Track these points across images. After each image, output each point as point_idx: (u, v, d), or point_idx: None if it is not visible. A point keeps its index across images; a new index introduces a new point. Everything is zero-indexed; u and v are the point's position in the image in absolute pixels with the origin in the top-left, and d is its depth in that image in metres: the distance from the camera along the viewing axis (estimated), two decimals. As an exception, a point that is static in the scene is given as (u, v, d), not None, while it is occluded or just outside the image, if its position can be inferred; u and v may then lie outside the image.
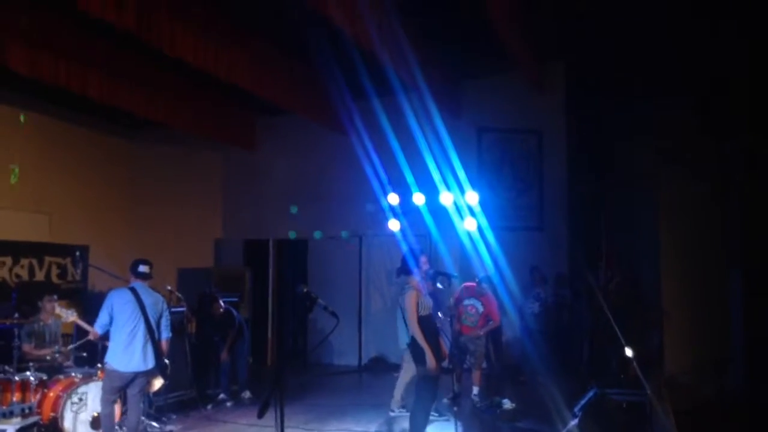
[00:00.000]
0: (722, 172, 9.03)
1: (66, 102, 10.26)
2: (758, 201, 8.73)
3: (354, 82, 9.66)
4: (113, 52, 9.06)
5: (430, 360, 5.57)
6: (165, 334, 6.21)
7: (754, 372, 8.44)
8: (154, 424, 6.99)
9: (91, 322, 6.08)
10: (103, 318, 5.88)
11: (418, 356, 5.73)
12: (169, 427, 7.09)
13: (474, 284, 8.36)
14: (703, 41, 8.95)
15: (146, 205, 12.48)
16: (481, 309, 8.20)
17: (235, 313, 8.92)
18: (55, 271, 9.74)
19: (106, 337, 6.01)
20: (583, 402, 6.42)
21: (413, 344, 5.77)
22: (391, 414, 7.58)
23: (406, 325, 7.11)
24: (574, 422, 5.31)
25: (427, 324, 5.77)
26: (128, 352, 5.85)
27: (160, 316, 6.17)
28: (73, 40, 8.44)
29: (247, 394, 8.67)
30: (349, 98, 10.29)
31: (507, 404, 7.60)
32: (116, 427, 6.10)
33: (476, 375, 8.27)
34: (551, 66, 10.70)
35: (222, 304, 8.79)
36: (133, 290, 6.02)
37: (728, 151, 9.02)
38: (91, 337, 6.26)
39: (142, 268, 6.14)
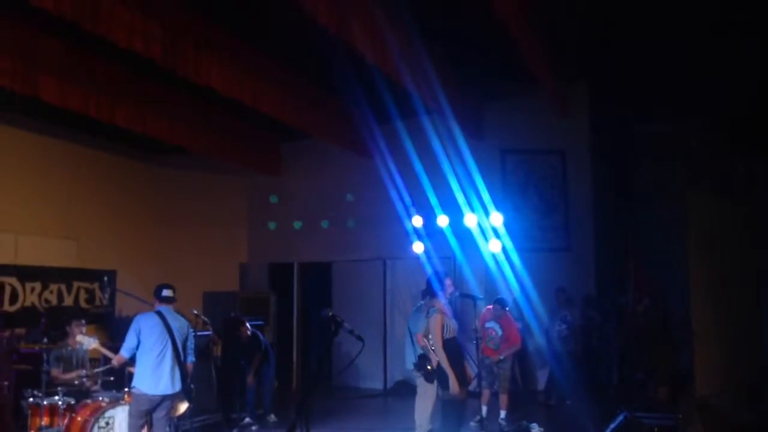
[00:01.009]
0: (749, 191, 8.91)
1: (93, 129, 10.44)
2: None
3: (377, 105, 9.73)
4: (140, 81, 9.23)
5: (454, 384, 5.52)
6: (190, 358, 6.24)
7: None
8: (180, 448, 6.99)
9: (119, 347, 6.12)
10: (130, 341, 5.92)
11: (441, 379, 5.68)
12: (195, 452, 7.08)
13: (491, 307, 8.31)
14: (725, 59, 8.88)
15: (172, 230, 12.59)
16: (500, 332, 8.12)
17: (261, 336, 8.94)
18: (83, 296, 9.87)
19: (129, 362, 6.04)
20: (612, 426, 6.32)
21: (439, 368, 5.72)
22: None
23: (414, 345, 7.10)
24: (604, 447, 5.21)
25: (452, 347, 5.73)
26: (156, 375, 5.88)
27: (186, 340, 6.20)
28: (100, 69, 8.62)
29: (272, 418, 8.66)
30: (373, 121, 10.37)
31: (535, 428, 7.49)
32: (143, 452, 6.10)
33: (503, 399, 8.16)
34: (574, 86, 10.68)
35: (249, 327, 8.81)
36: (160, 314, 6.06)
37: (755, 169, 8.91)
38: (114, 363, 6.30)
39: (166, 292, 6.19)
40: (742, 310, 8.79)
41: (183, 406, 6.60)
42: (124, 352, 5.96)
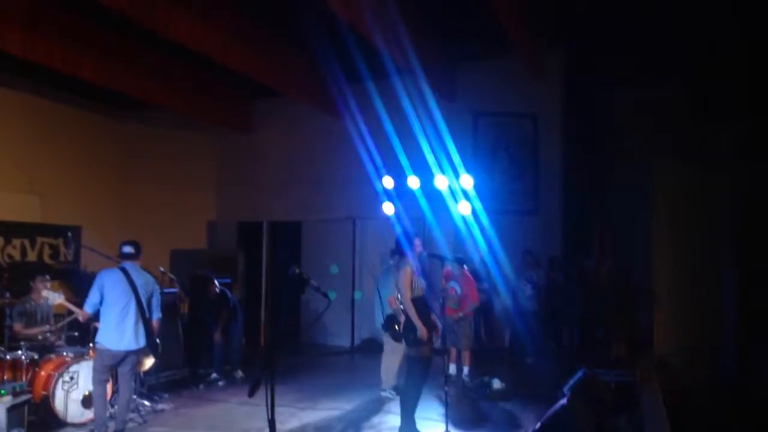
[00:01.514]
0: (716, 158, 9.05)
1: (59, 83, 10.19)
2: (752, 186, 8.76)
3: (349, 65, 9.61)
4: (107, 33, 9.02)
5: (422, 332, 5.62)
6: (156, 314, 6.24)
7: (745, 355, 8.50)
8: (146, 402, 7.02)
9: (83, 303, 6.10)
10: (93, 297, 5.91)
11: (408, 337, 5.76)
12: (161, 406, 7.12)
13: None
14: (698, 30, 8.93)
15: (139, 187, 12.43)
16: (459, 291, 8.24)
17: (229, 294, 8.95)
18: (47, 251, 9.74)
19: (94, 318, 6.03)
20: (572, 382, 6.44)
21: (405, 326, 5.79)
22: (382, 393, 7.62)
23: (383, 305, 7.18)
24: (563, 402, 5.34)
25: (419, 304, 5.79)
26: (119, 330, 5.89)
27: (151, 296, 6.19)
28: (66, 21, 8.40)
29: (239, 374, 8.73)
30: (344, 81, 10.26)
31: (496, 383, 7.64)
32: (108, 406, 6.11)
33: (465, 356, 8.33)
34: (549, 50, 10.66)
35: (217, 285, 8.81)
36: (124, 270, 6.04)
37: (722, 137, 9.04)
38: (80, 318, 6.28)
39: (126, 249, 6.18)
40: (702, 273, 9.00)
41: (149, 362, 6.62)
42: (88, 308, 5.96)
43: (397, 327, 6.03)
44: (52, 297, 6.82)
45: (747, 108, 8.81)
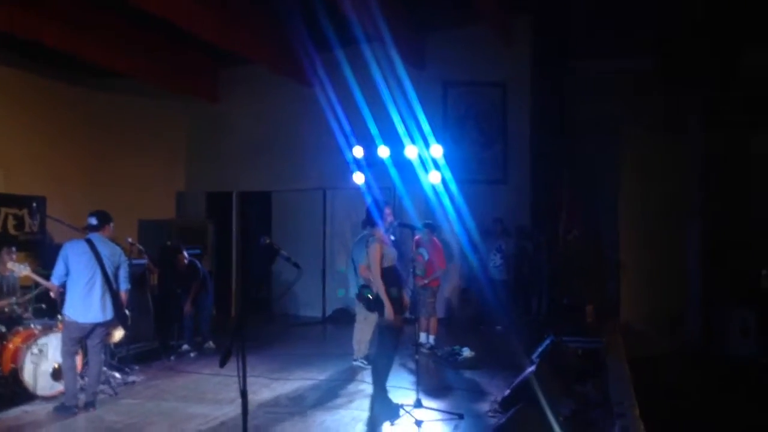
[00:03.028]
0: (682, 128, 9.18)
1: (21, 50, 9.89)
2: (716, 155, 8.93)
3: (317, 32, 9.50)
4: (69, -1, 8.76)
5: (389, 312, 5.64)
6: (124, 286, 6.19)
7: (709, 322, 8.74)
8: (117, 374, 6.98)
9: (50, 275, 6.02)
10: (59, 269, 5.87)
11: (380, 307, 5.79)
12: (131, 378, 7.08)
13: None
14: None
15: (106, 157, 12.19)
16: (426, 257, 8.29)
17: (198, 265, 8.89)
18: (11, 222, 9.52)
19: (65, 289, 5.96)
20: (540, 349, 6.59)
21: (376, 296, 5.82)
22: (354, 363, 7.69)
23: (357, 275, 7.21)
24: (531, 369, 5.45)
25: (390, 275, 5.82)
26: (86, 302, 5.84)
27: (118, 268, 6.13)
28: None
29: (210, 345, 8.72)
30: (312, 48, 10.14)
31: (466, 352, 7.75)
32: (78, 378, 6.08)
33: (431, 323, 8.41)
34: (518, 18, 10.64)
35: (186, 256, 8.75)
36: (89, 241, 5.97)
37: (689, 105, 9.17)
38: (52, 294, 6.24)
39: (90, 220, 6.12)
40: (668, 242, 9.20)
41: (118, 334, 6.58)
42: (54, 280, 5.93)
43: (370, 296, 6.06)
44: (18, 269, 6.73)
45: (713, 74, 8.93)
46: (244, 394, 3.67)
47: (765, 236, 8.46)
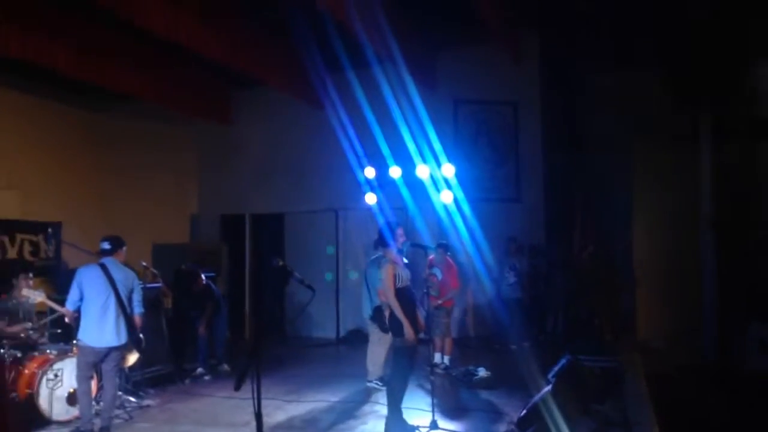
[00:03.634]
0: (694, 141, 9.13)
1: (37, 76, 10.03)
2: (728, 169, 8.86)
3: (329, 54, 9.57)
4: (83, 25, 8.88)
5: (408, 332, 5.61)
6: (137, 309, 6.20)
7: (726, 336, 8.61)
8: (132, 398, 6.98)
9: (64, 300, 6.05)
10: (73, 295, 5.90)
11: (395, 328, 5.76)
12: (146, 402, 7.08)
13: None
14: (674, 14, 8.97)
15: (120, 181, 12.30)
16: (440, 277, 8.27)
17: (213, 287, 8.90)
18: (27, 248, 9.60)
19: (80, 314, 5.98)
20: (556, 369, 6.51)
21: (391, 317, 5.80)
22: (368, 384, 7.64)
23: (371, 296, 7.19)
24: (547, 388, 5.39)
25: (404, 296, 5.80)
26: (100, 327, 5.85)
27: (132, 291, 6.15)
28: (41, 14, 8.27)
29: (225, 368, 8.70)
30: (324, 70, 10.21)
31: (482, 372, 7.69)
32: (93, 403, 6.08)
33: (447, 344, 8.40)
34: (526, 36, 10.67)
35: (204, 278, 8.75)
36: (103, 266, 6.00)
37: (701, 119, 9.12)
38: (67, 319, 6.27)
39: (103, 245, 6.16)
40: (683, 256, 9.11)
41: (133, 357, 6.58)
42: (69, 306, 5.95)
43: (384, 318, 6.04)
44: (33, 295, 6.77)
45: (724, 89, 8.89)
46: (258, 417, 3.64)
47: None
